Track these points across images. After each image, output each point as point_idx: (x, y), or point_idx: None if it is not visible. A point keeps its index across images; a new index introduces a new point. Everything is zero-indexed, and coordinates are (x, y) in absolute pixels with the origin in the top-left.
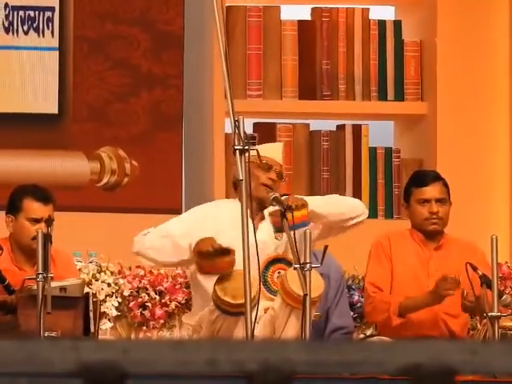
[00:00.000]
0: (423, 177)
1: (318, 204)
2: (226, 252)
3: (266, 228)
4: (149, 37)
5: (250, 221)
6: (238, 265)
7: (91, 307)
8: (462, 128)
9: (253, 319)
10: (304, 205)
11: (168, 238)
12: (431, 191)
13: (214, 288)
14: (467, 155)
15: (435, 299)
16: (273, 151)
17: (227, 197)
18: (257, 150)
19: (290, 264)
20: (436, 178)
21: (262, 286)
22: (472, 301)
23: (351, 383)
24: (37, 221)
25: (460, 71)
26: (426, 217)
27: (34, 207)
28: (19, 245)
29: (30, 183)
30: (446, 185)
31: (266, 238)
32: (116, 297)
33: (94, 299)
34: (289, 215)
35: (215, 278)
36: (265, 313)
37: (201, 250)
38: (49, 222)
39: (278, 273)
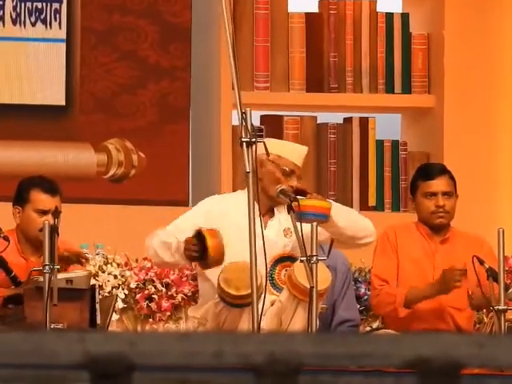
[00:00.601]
0: (429, 170)
1: (338, 211)
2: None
3: (275, 226)
4: (156, 29)
5: (258, 216)
6: (245, 259)
7: (97, 299)
8: (469, 121)
9: (259, 311)
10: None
11: (174, 238)
12: (438, 184)
13: (218, 280)
14: (474, 148)
15: (442, 290)
16: (297, 155)
17: (234, 189)
18: (264, 143)
19: (295, 261)
20: (442, 171)
21: (268, 284)
22: (479, 299)
23: (358, 376)
24: (44, 212)
25: (467, 64)
26: (432, 210)
27: (42, 199)
28: (26, 236)
29: (37, 175)
30: (452, 178)
31: (275, 236)
32: (122, 289)
33: (110, 294)
34: (295, 206)
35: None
36: (271, 306)
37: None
38: (56, 213)
39: (286, 271)
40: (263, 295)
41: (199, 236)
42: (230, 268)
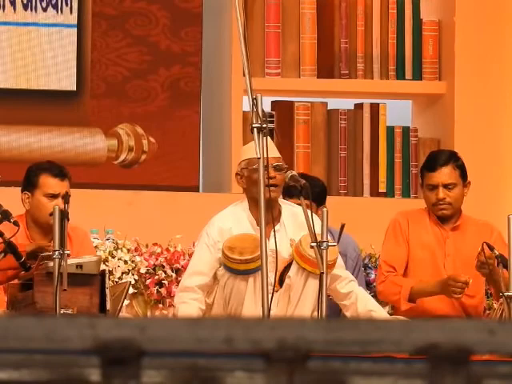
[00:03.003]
0: (433, 161)
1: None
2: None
3: (279, 235)
4: (167, 14)
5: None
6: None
7: (107, 284)
8: (480, 108)
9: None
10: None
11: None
12: (438, 177)
13: (222, 249)
14: (484, 135)
15: (443, 291)
16: (261, 149)
17: None
18: (275, 129)
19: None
20: (446, 161)
21: (278, 285)
22: (484, 261)
23: (368, 362)
24: (54, 196)
25: (478, 51)
26: (433, 202)
27: (51, 183)
28: (36, 221)
29: (46, 160)
30: (458, 166)
31: (280, 245)
32: (132, 274)
33: (120, 279)
34: (306, 192)
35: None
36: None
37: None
38: (66, 197)
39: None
40: (271, 295)
41: None
42: (234, 238)
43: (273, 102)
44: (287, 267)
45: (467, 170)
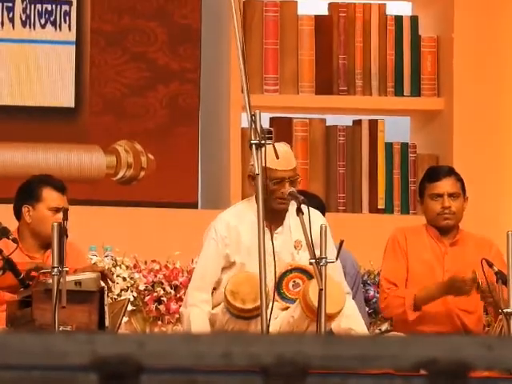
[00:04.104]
0: (436, 172)
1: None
2: None
3: (281, 237)
4: (166, 30)
5: (266, 230)
6: (255, 271)
7: (106, 301)
8: (479, 124)
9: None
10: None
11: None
12: (443, 185)
13: (225, 292)
14: (483, 151)
15: (450, 293)
16: (283, 161)
17: (243, 191)
18: (273, 146)
19: (305, 272)
20: (449, 172)
21: (276, 295)
22: (485, 287)
23: (366, 378)
24: (57, 210)
25: (476, 67)
26: (438, 211)
27: (54, 197)
28: (38, 234)
29: (44, 174)
30: (459, 179)
31: (280, 248)
32: (131, 291)
33: (119, 296)
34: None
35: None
36: (281, 311)
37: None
38: (65, 213)
39: (294, 282)
40: (271, 304)
41: None
42: (237, 280)
43: (271, 119)
44: (288, 272)
45: (466, 186)
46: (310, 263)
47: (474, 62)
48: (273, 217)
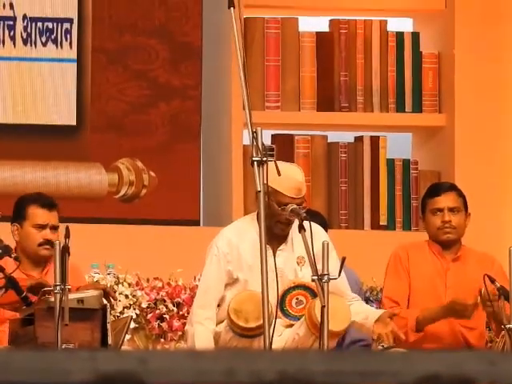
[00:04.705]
0: (437, 187)
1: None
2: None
3: (284, 254)
4: (167, 48)
5: (268, 248)
6: (257, 289)
7: (109, 319)
8: (480, 140)
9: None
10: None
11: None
12: (444, 200)
13: (228, 311)
14: (485, 167)
15: (451, 316)
16: (294, 189)
17: (245, 208)
18: (275, 163)
19: (308, 290)
20: (450, 188)
21: (279, 312)
22: (486, 298)
23: None
24: (42, 227)
25: (478, 83)
26: (438, 226)
27: (39, 214)
28: (26, 252)
29: (34, 192)
30: (461, 196)
31: (283, 265)
32: (134, 309)
33: (121, 314)
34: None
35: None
36: (285, 328)
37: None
38: (54, 228)
39: (297, 299)
40: (273, 322)
41: None
42: (240, 298)
43: (273, 136)
44: (291, 289)
45: (468, 202)
46: (313, 280)
47: (475, 78)
48: (274, 234)
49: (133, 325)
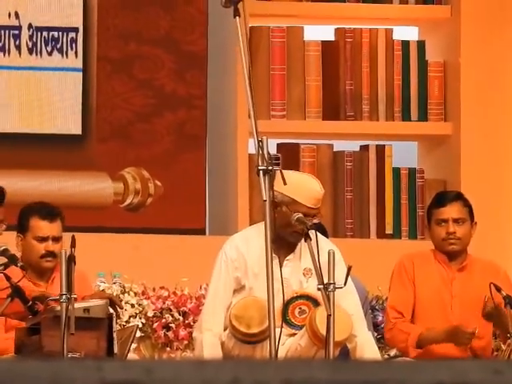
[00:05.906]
0: (442, 197)
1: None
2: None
3: (290, 265)
4: (172, 57)
5: (275, 257)
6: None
7: (115, 328)
8: (486, 148)
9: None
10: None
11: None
12: (448, 211)
13: (229, 317)
14: (491, 176)
15: (452, 341)
16: (313, 200)
17: (251, 217)
18: (281, 172)
19: (311, 300)
20: (455, 198)
21: (282, 322)
22: (492, 307)
23: None
24: (44, 239)
25: (484, 91)
26: (443, 237)
27: (41, 226)
28: (30, 263)
29: (38, 201)
30: (466, 205)
31: (291, 275)
32: (140, 318)
33: (132, 324)
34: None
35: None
36: (288, 337)
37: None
38: (56, 239)
39: (300, 308)
40: (280, 330)
41: None
42: (241, 305)
43: (278, 145)
44: (294, 299)
45: (474, 211)
46: (318, 289)
47: (481, 87)
48: (283, 244)
49: (139, 334)
